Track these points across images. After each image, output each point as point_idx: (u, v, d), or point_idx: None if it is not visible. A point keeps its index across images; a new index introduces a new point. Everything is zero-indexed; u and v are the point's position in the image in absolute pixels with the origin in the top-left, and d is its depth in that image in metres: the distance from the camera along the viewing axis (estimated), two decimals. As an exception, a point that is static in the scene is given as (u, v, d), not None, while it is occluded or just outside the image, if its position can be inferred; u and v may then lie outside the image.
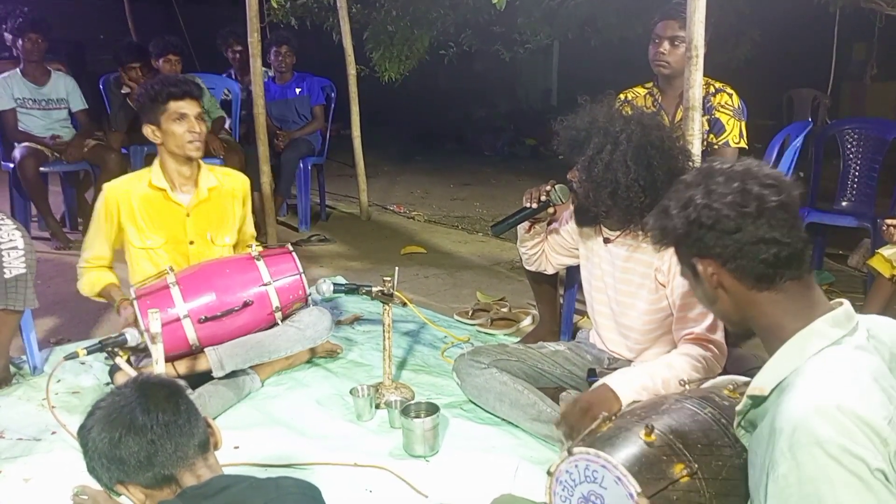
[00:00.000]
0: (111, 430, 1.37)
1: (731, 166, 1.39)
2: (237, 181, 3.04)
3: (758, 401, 1.36)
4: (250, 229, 3.11)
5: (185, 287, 2.67)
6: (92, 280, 2.91)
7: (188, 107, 2.80)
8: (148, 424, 1.36)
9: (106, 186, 2.89)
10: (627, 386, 2.10)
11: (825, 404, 1.19)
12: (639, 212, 2.24)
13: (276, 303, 2.78)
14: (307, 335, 2.89)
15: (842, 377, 1.24)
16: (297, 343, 2.88)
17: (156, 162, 2.91)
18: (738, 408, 1.43)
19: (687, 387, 1.78)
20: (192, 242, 2.92)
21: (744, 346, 2.97)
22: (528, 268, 2.90)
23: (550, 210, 2.60)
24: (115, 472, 1.38)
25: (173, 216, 2.89)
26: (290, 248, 2.89)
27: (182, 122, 2.79)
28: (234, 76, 5.72)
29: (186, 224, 2.91)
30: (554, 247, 2.76)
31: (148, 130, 2.83)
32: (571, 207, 2.54)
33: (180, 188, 2.90)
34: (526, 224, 2.68)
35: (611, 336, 2.56)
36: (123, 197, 2.84)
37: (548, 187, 2.55)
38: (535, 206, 2.56)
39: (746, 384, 1.50)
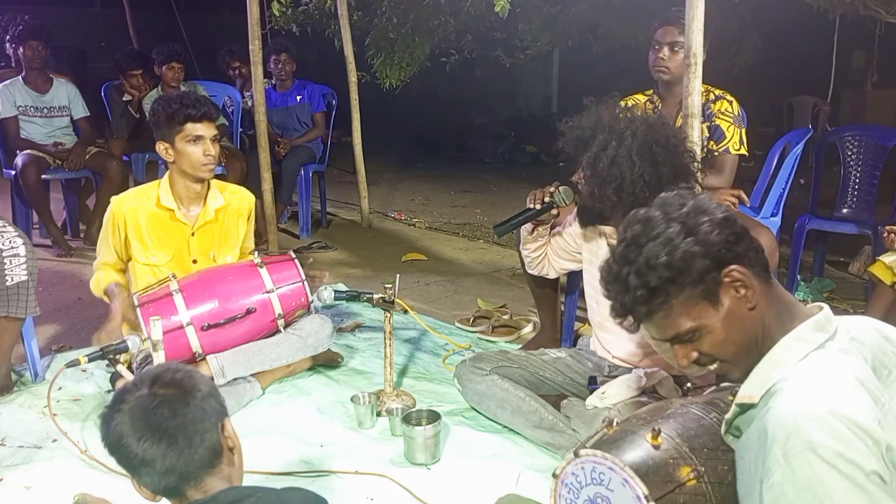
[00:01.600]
0: (129, 428, 1.33)
1: (672, 198, 1.45)
2: (243, 200, 3.05)
3: (746, 408, 1.38)
4: (250, 244, 3.12)
5: (188, 294, 2.67)
6: (99, 278, 2.93)
7: (204, 129, 2.79)
8: (152, 437, 1.32)
9: (114, 201, 2.90)
10: None
11: (817, 410, 1.20)
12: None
13: (278, 310, 2.78)
14: (309, 343, 2.90)
15: (830, 382, 1.26)
16: (299, 351, 2.88)
17: (165, 178, 2.90)
18: (726, 416, 1.44)
19: (689, 392, 1.78)
20: (195, 261, 2.93)
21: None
22: (530, 271, 2.89)
23: (554, 212, 2.59)
24: (126, 467, 1.37)
25: (178, 235, 2.90)
26: (293, 255, 2.90)
27: (197, 144, 2.78)
28: (240, 93, 5.75)
29: (191, 243, 2.92)
30: (556, 250, 2.76)
31: (161, 147, 2.82)
32: (575, 210, 2.54)
33: (188, 206, 2.91)
34: (529, 226, 2.68)
35: (614, 340, 2.55)
36: (130, 213, 2.85)
37: (551, 188, 2.54)
38: (538, 206, 2.56)
39: None
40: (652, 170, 2.21)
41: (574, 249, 2.69)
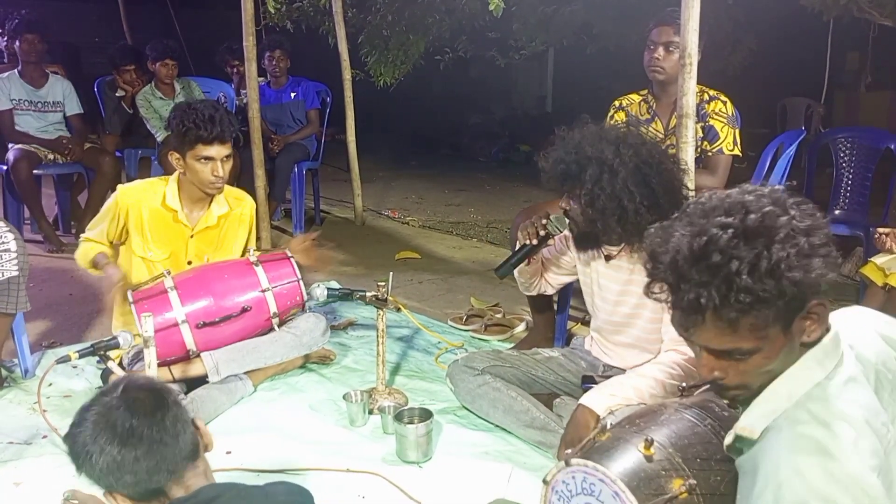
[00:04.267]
0: (99, 440, 1.34)
1: (780, 193, 1.29)
2: (245, 205, 3.04)
3: (744, 439, 1.32)
4: (252, 245, 3.11)
5: (183, 292, 2.67)
6: (86, 249, 2.90)
7: (215, 150, 2.76)
8: (135, 438, 1.33)
9: (120, 189, 2.90)
10: (598, 397, 2.17)
11: (811, 463, 1.16)
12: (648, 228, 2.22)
13: (273, 308, 2.77)
14: (303, 342, 2.89)
15: (830, 427, 1.20)
16: (294, 349, 2.88)
17: (174, 178, 2.89)
18: (725, 441, 1.38)
19: (684, 392, 1.77)
20: (190, 262, 2.92)
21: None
22: (526, 293, 2.88)
23: (551, 242, 2.57)
24: (103, 481, 1.36)
25: (178, 235, 2.90)
26: (289, 253, 2.89)
27: (206, 164, 2.77)
28: (236, 90, 5.74)
29: (188, 245, 2.92)
30: (553, 269, 2.74)
31: (173, 157, 2.81)
32: (566, 231, 2.52)
33: (191, 208, 2.90)
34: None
35: (616, 350, 2.55)
36: (134, 206, 2.84)
37: (543, 221, 2.48)
38: (535, 242, 2.50)
39: None
40: (648, 191, 2.21)
41: (570, 263, 2.68)
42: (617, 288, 2.44)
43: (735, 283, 1.17)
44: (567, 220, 2.43)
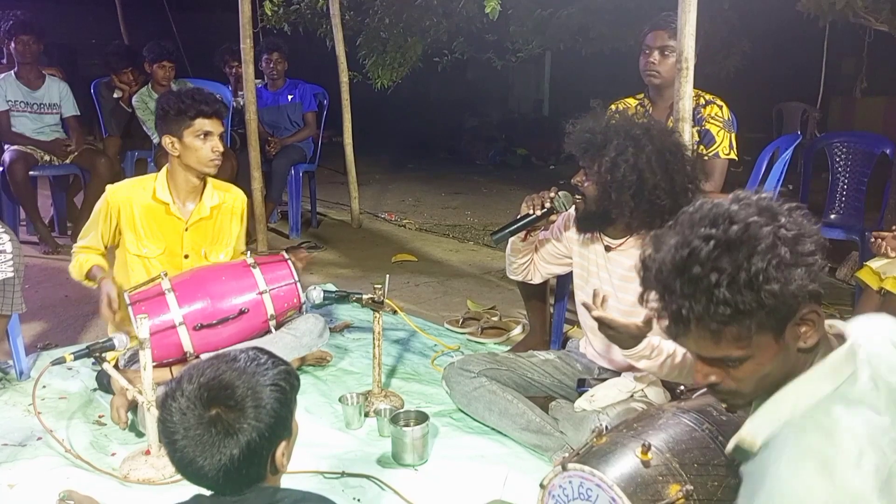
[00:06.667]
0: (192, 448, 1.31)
1: (770, 201, 1.26)
2: (237, 198, 3.05)
3: (744, 450, 1.31)
4: (241, 246, 3.11)
5: (181, 293, 2.66)
6: (80, 262, 2.88)
7: (214, 125, 2.80)
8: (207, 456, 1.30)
9: (109, 189, 2.89)
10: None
11: (813, 479, 1.15)
12: (659, 215, 2.24)
13: (270, 311, 2.77)
14: (303, 343, 2.89)
15: (834, 443, 1.18)
16: (294, 350, 2.87)
17: (162, 171, 2.89)
18: (727, 449, 1.38)
19: (683, 394, 1.77)
20: (186, 256, 2.92)
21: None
22: (512, 277, 2.87)
23: (553, 217, 2.57)
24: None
25: (172, 229, 2.89)
26: (286, 255, 2.89)
27: (206, 140, 2.78)
28: (233, 92, 5.74)
29: (184, 238, 2.91)
30: (544, 255, 2.75)
31: (167, 141, 2.81)
32: (566, 213, 2.53)
33: (183, 201, 2.90)
34: (522, 233, 2.66)
35: (606, 347, 2.55)
36: (125, 203, 2.83)
37: (551, 194, 2.50)
38: (538, 213, 2.51)
39: None
40: (667, 177, 2.24)
41: (564, 253, 2.68)
42: (615, 283, 2.44)
43: (714, 295, 1.17)
44: (574, 199, 2.43)
